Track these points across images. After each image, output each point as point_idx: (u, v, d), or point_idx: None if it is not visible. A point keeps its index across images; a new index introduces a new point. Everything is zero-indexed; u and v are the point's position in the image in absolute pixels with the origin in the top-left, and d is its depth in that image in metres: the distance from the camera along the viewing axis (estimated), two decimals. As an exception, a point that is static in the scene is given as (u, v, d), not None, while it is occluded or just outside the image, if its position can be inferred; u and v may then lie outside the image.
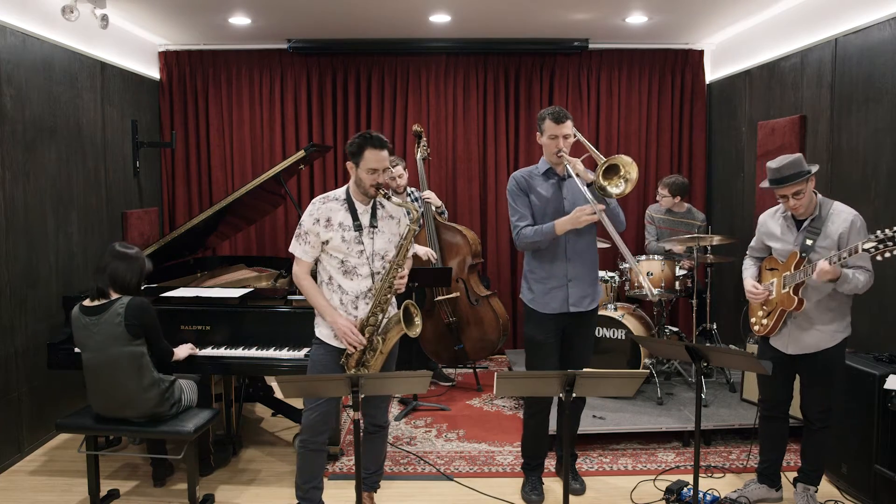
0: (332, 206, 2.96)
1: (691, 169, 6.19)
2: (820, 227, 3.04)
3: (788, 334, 3.16)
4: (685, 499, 3.43)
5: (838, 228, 3.01)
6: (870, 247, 2.73)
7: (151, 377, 3.21)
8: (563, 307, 3.31)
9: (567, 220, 3.17)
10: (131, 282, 3.27)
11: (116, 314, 3.14)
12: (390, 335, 2.95)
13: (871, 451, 3.28)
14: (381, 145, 2.88)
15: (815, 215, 3.07)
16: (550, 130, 3.22)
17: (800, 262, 3.05)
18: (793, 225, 3.15)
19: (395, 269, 2.95)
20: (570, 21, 5.39)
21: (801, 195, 3.01)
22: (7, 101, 3.95)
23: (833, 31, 4.28)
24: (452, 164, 6.17)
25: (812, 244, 3.04)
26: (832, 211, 3.06)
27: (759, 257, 3.39)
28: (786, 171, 3.00)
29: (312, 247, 2.97)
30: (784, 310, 3.11)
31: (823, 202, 3.09)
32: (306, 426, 2.99)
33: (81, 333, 3.21)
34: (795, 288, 3.06)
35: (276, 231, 6.17)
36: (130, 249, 3.32)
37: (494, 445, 4.18)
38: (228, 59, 6.05)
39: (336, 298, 2.98)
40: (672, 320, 6.12)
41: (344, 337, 2.91)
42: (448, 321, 5.14)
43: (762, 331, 3.25)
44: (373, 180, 2.88)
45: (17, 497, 3.60)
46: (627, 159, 3.10)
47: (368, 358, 2.94)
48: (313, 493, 3.06)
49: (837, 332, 3.11)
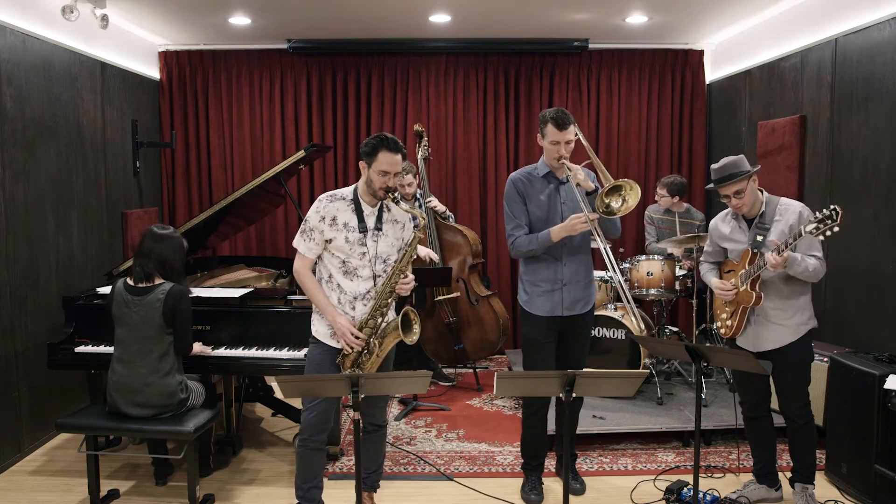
0: (338, 205, 2.96)
1: (691, 169, 6.19)
2: (769, 222, 3.14)
3: (753, 333, 3.22)
4: (685, 499, 3.43)
5: (788, 221, 3.10)
6: (811, 228, 2.84)
7: (171, 366, 3.28)
8: (556, 310, 3.31)
9: (562, 228, 3.17)
10: (177, 261, 3.37)
11: (157, 299, 3.24)
12: (387, 340, 2.94)
13: (871, 451, 3.28)
14: (396, 149, 2.88)
15: (762, 211, 3.16)
16: (552, 136, 3.17)
17: (753, 257, 3.13)
18: (744, 224, 3.23)
19: (397, 274, 2.94)
20: (570, 21, 5.39)
21: (741, 194, 3.10)
22: (7, 101, 3.95)
23: (833, 31, 4.28)
24: (452, 164, 6.17)
25: (763, 240, 3.12)
26: (780, 206, 3.16)
27: (714, 262, 3.45)
28: (726, 171, 3.12)
29: (316, 244, 2.97)
30: (745, 307, 3.19)
31: (770, 199, 3.19)
32: (305, 426, 2.99)
33: (121, 309, 3.27)
34: (752, 283, 3.13)
35: (276, 231, 6.17)
36: (167, 230, 3.41)
37: (494, 445, 4.18)
38: (228, 59, 6.05)
39: (334, 297, 2.98)
40: (672, 320, 6.12)
41: (342, 336, 2.91)
42: (448, 321, 5.14)
43: (728, 332, 3.32)
44: (383, 182, 2.88)
45: (17, 497, 3.60)
46: (632, 183, 3.08)
47: (364, 360, 2.94)
48: (313, 492, 3.05)
49: (801, 324, 3.17)
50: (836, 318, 4.30)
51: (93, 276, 4.77)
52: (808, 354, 3.24)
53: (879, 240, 3.89)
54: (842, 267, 4.18)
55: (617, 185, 3.08)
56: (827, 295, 4.35)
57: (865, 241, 3.99)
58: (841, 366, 3.53)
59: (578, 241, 3.32)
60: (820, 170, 4.46)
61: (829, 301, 4.35)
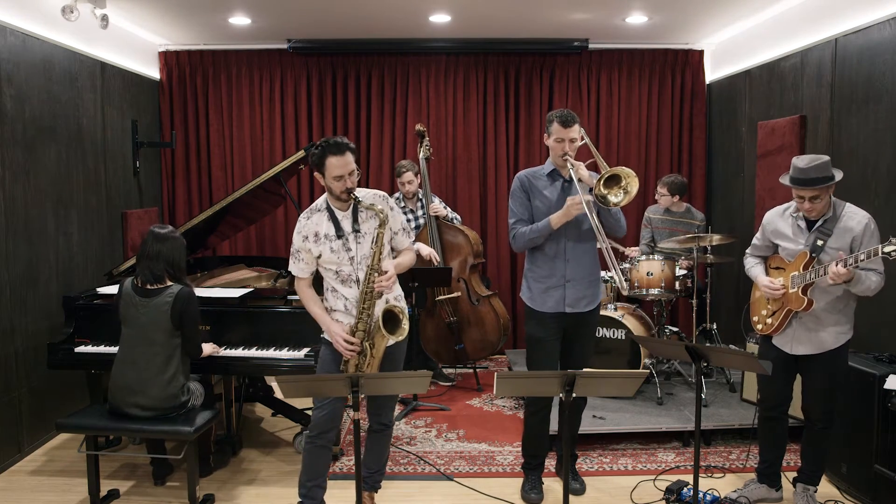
0: (315, 218, 2.98)
1: (691, 169, 6.19)
2: (832, 228, 3.00)
3: (793, 334, 3.14)
4: (685, 499, 3.43)
5: (852, 231, 2.97)
6: (890, 250, 2.68)
7: (176, 369, 3.28)
8: (559, 307, 3.32)
9: (560, 214, 3.19)
10: (182, 261, 3.39)
11: (165, 301, 3.25)
12: (376, 340, 2.94)
13: (871, 451, 3.28)
14: (341, 150, 2.84)
15: (828, 216, 3.03)
16: (557, 133, 3.22)
17: (809, 262, 3.02)
18: (804, 224, 3.10)
19: (371, 274, 2.91)
20: (570, 21, 5.39)
21: (818, 200, 2.96)
22: (7, 101, 3.95)
23: (833, 31, 4.28)
24: (452, 164, 6.17)
25: (823, 245, 2.99)
26: (845, 212, 3.01)
27: (761, 256, 3.35)
28: (812, 174, 2.92)
29: (307, 263, 3.02)
30: (791, 309, 3.09)
31: (837, 203, 3.03)
32: (315, 423, 3.01)
33: (129, 310, 3.28)
34: (804, 288, 3.03)
35: (276, 231, 6.17)
36: (167, 229, 3.42)
37: (494, 445, 4.18)
38: (228, 59, 6.05)
39: (340, 304, 3.01)
40: (672, 320, 6.12)
41: (335, 344, 2.93)
42: (449, 321, 5.14)
43: (766, 329, 3.23)
44: (341, 186, 2.87)
45: (17, 497, 3.60)
46: (629, 171, 3.08)
47: (362, 363, 2.95)
48: (316, 491, 3.06)
49: (842, 333, 3.10)
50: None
51: (93, 276, 4.77)
52: (843, 362, 3.17)
53: (879, 240, 3.88)
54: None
55: (615, 176, 3.08)
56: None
57: (865, 241, 3.99)
58: (841, 366, 3.52)
59: (584, 242, 3.33)
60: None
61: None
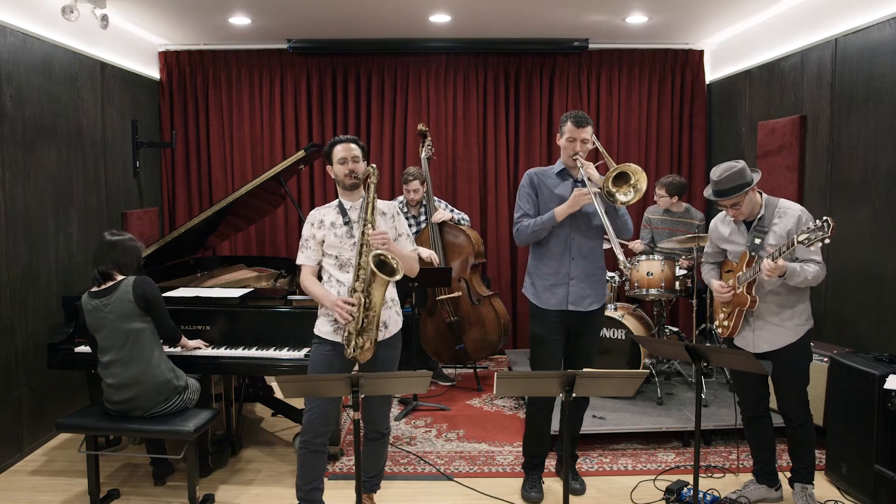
0: (325, 210, 3.11)
1: (691, 169, 6.19)
2: (767, 225, 3.14)
3: (751, 334, 3.22)
4: (685, 499, 3.43)
5: (786, 225, 3.09)
6: (803, 238, 2.82)
7: (159, 354, 3.30)
8: (562, 304, 3.33)
9: (566, 205, 3.24)
10: (133, 262, 3.41)
11: (125, 291, 3.26)
12: (374, 288, 2.90)
13: (871, 451, 3.28)
14: (346, 140, 3.07)
15: (760, 215, 3.16)
16: (570, 133, 3.30)
17: (751, 260, 3.14)
18: (742, 226, 3.23)
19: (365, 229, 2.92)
20: (570, 21, 5.39)
21: (739, 205, 3.12)
22: (7, 101, 3.95)
23: (833, 31, 4.28)
24: (452, 164, 6.17)
25: (761, 242, 3.12)
26: (778, 209, 3.15)
27: (715, 262, 3.46)
28: (724, 185, 3.11)
29: (313, 251, 3.08)
30: (741, 309, 3.19)
31: (769, 201, 3.18)
32: (307, 426, 3.00)
33: (94, 317, 3.29)
34: (748, 286, 3.14)
35: (276, 231, 6.17)
36: (118, 235, 3.45)
37: (494, 445, 4.18)
38: (228, 59, 6.05)
39: (334, 291, 3.02)
40: (672, 320, 6.12)
41: (334, 309, 2.91)
42: (449, 320, 5.14)
43: (725, 332, 3.33)
44: (345, 170, 3.03)
45: (17, 497, 3.60)
46: (637, 168, 3.15)
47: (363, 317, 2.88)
48: (314, 494, 3.05)
49: (798, 325, 3.17)
50: (836, 318, 4.30)
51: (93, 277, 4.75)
52: (806, 355, 3.24)
53: (879, 240, 3.89)
54: (842, 267, 4.18)
55: (623, 173, 3.14)
56: (827, 295, 4.35)
57: (865, 241, 3.99)
58: (841, 366, 3.53)
59: (590, 240, 3.35)
60: (820, 170, 4.46)
61: (829, 301, 4.35)
